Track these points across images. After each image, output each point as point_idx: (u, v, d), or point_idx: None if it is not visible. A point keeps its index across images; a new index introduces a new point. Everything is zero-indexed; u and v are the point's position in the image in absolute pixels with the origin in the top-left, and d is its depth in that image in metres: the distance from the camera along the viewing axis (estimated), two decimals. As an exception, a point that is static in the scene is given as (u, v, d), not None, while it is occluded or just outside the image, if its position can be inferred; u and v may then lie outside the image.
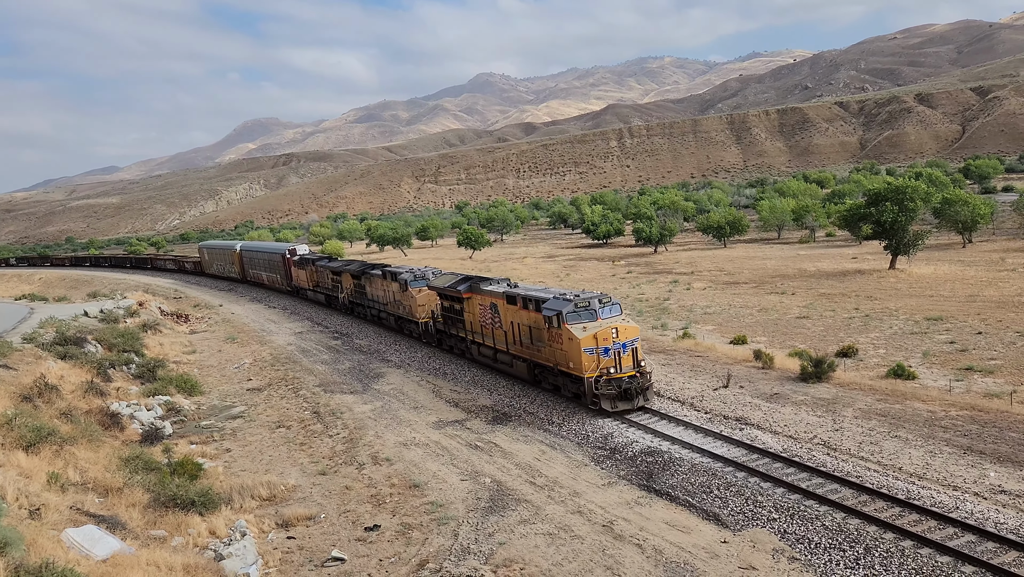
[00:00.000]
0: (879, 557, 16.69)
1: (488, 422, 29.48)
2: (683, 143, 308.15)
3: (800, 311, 44.70)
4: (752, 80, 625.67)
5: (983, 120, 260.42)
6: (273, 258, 75.48)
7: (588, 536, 19.11)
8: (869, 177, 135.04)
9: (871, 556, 16.78)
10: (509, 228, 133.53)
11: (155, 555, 16.10)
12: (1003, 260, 58.23)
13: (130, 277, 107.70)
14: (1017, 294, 44.21)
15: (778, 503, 19.68)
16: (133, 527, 18.30)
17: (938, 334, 36.57)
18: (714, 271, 65.99)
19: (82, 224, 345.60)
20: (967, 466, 21.07)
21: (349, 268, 55.85)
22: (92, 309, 58.63)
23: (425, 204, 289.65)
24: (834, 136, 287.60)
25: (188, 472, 22.76)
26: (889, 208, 56.82)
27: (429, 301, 42.29)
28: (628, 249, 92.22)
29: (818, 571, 16.61)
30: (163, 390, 35.44)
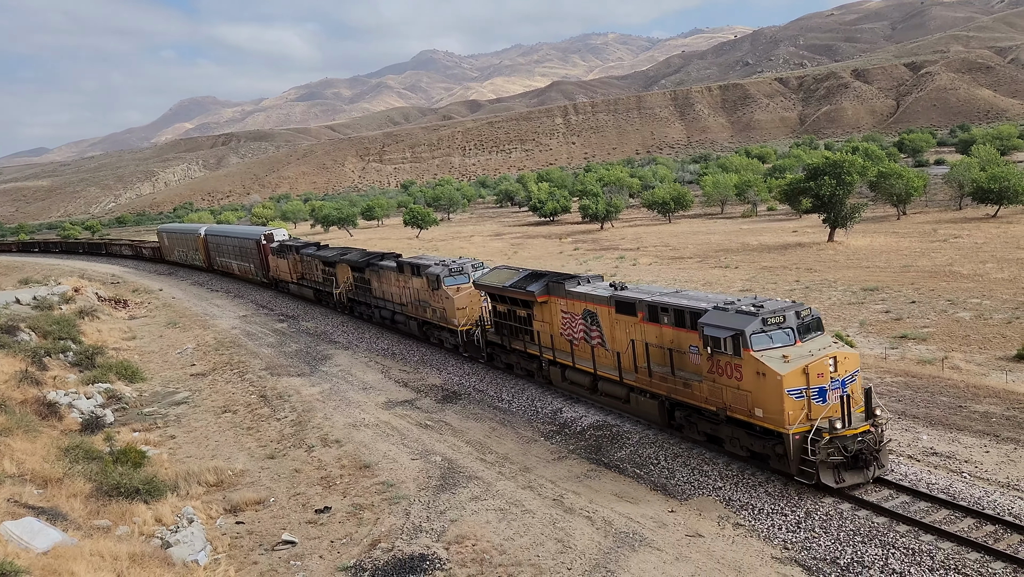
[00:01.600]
0: (819, 520, 17.25)
1: (438, 401, 29.50)
2: (628, 119, 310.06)
3: (743, 284, 45.57)
4: (694, 56, 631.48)
5: (916, 95, 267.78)
6: (245, 244, 64.73)
7: (539, 510, 19.33)
8: (808, 152, 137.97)
9: (811, 519, 17.34)
10: (456, 207, 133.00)
11: (99, 545, 15.77)
12: (935, 231, 60.17)
13: (65, 263, 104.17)
14: (948, 264, 45.77)
15: (722, 472, 20.16)
16: (75, 518, 17.89)
17: (874, 304, 37.69)
18: (659, 246, 66.80)
19: (10, 208, 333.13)
20: (902, 430, 21.85)
21: (347, 258, 45.76)
22: (24, 296, 56.65)
23: (370, 183, 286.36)
24: (775, 111, 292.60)
25: (132, 460, 22.28)
26: (827, 182, 58.11)
27: (472, 303, 33.33)
28: (575, 226, 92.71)
29: (761, 535, 17.11)
30: (103, 378, 34.53)
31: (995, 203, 65.31)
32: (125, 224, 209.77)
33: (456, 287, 33.74)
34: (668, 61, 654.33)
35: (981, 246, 50.84)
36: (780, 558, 16.15)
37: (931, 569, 14.90)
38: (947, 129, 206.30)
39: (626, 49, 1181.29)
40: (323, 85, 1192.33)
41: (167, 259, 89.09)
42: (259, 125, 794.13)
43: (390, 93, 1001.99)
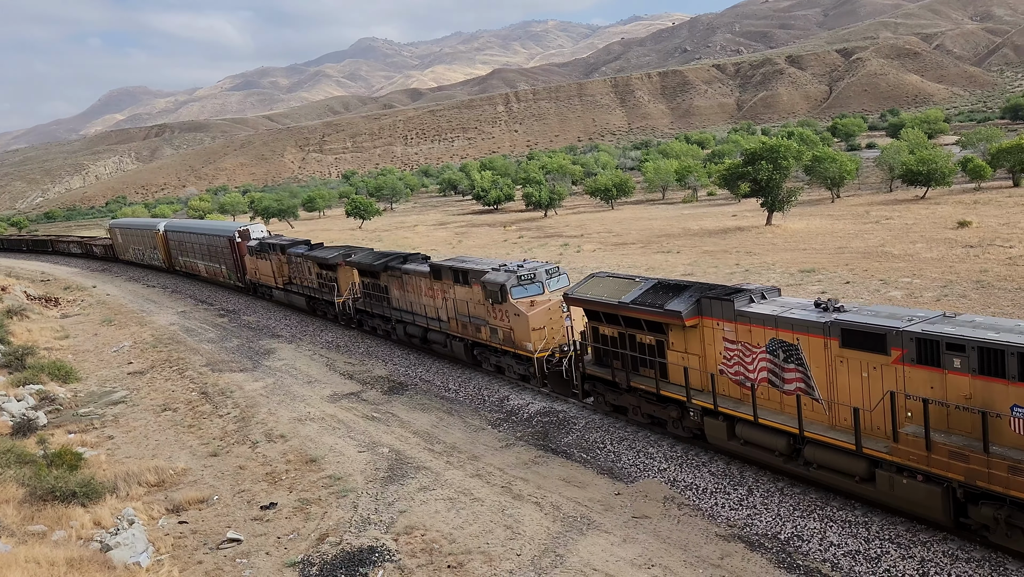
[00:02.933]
0: (760, 497, 17.67)
1: (384, 392, 29.31)
2: (569, 107, 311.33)
3: (685, 268, 46.26)
4: (634, 43, 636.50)
5: (848, 80, 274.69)
6: (216, 242, 56.03)
7: (488, 498, 19.38)
8: (746, 137, 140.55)
9: (753, 496, 17.76)
10: (399, 196, 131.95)
11: (35, 551, 15.29)
12: (868, 213, 61.93)
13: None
14: (880, 245, 47.17)
15: (667, 454, 20.50)
16: (8, 524, 17.29)
17: (811, 285, 38.65)
18: (603, 233, 67.35)
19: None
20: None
21: (355, 260, 37.03)
22: (-51, 296, 54.36)
23: (311, 174, 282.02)
24: (713, 98, 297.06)
25: (67, 463, 21.62)
26: (764, 167, 59.29)
27: (552, 322, 25.48)
28: (519, 214, 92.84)
29: (706, 514, 17.47)
30: (34, 378, 33.38)
31: (923, 185, 67.50)
32: (54, 219, 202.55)
33: (529, 300, 25.61)
34: (608, 48, 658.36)
35: (911, 227, 52.52)
36: (724, 535, 16.51)
37: (867, 540, 15.40)
38: (878, 114, 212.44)
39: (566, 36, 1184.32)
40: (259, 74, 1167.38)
41: (121, 258, 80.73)
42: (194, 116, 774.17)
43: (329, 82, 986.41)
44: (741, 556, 15.63)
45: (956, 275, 36.77)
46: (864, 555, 15.01)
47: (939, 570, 14.17)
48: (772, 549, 15.75)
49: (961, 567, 14.12)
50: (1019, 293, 32.25)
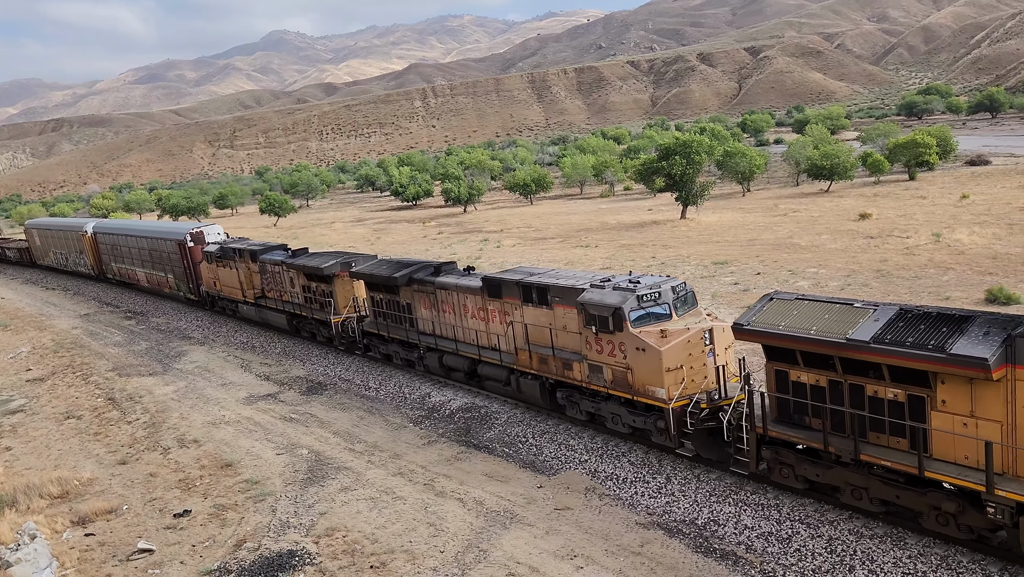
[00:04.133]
0: (678, 484, 18.09)
1: (303, 393, 28.74)
2: (487, 102, 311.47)
3: (603, 262, 46.91)
4: (550, 39, 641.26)
5: (756, 78, 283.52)
6: (160, 247, 47.79)
7: (410, 496, 19.24)
8: (660, 133, 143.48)
9: (671, 484, 18.16)
10: (315, 193, 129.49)
11: (-75, 573, 14.37)
12: (776, 206, 64.10)
13: None
14: (788, 237, 48.89)
15: (588, 445, 20.76)
16: None
17: (724, 276, 39.75)
18: (523, 228, 67.66)
19: None
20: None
21: (363, 270, 29.57)
22: None
23: (222, 170, 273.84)
24: (628, 94, 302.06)
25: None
26: (678, 162, 60.61)
27: (690, 358, 18.60)
28: (438, 210, 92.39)
29: (626, 503, 17.77)
30: (-77, 389, 31.41)
31: (827, 179, 70.26)
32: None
33: (659, 330, 18.69)
34: (525, 44, 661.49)
35: (817, 219, 54.60)
36: (644, 523, 16.83)
37: (778, 521, 15.95)
38: (784, 110, 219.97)
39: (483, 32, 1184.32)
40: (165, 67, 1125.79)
41: (40, 263, 71.50)
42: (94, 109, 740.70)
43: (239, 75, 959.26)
44: (660, 543, 15.96)
45: (858, 265, 38.43)
46: (776, 536, 15.54)
47: (845, 547, 14.79)
48: (690, 534, 16.14)
49: (865, 543, 14.78)
50: (915, 281, 33.96)
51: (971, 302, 29.51)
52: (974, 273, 34.39)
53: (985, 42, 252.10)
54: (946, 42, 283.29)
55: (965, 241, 41.10)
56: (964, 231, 43.48)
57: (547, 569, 15.37)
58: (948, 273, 34.86)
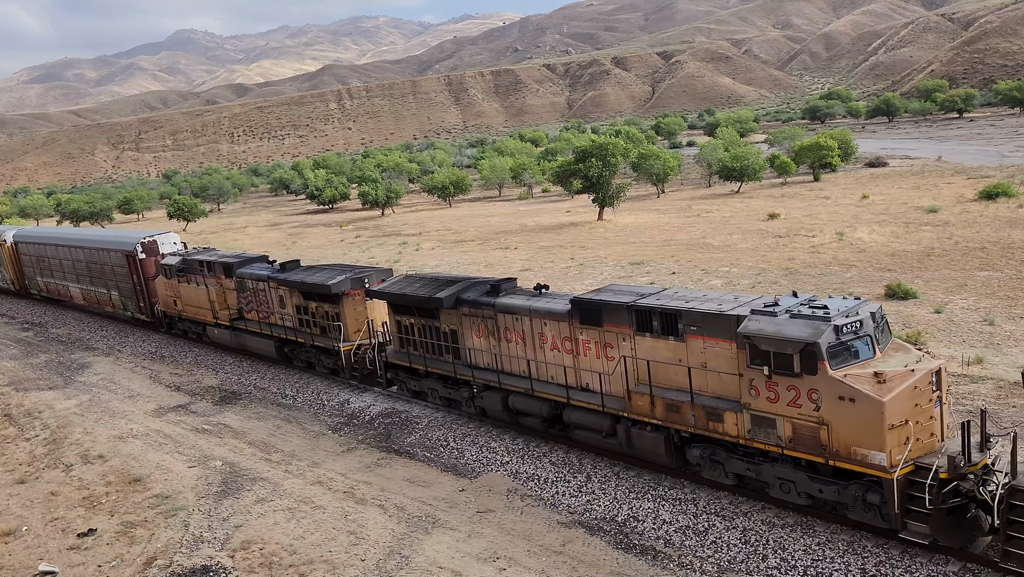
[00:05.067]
0: (598, 483, 18.30)
1: (216, 403, 27.85)
2: (404, 104, 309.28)
3: (523, 264, 47.16)
4: (466, 42, 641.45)
5: (669, 82, 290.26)
6: (101, 258, 40.93)
7: (330, 505, 18.87)
8: (577, 135, 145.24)
9: (592, 482, 18.36)
10: (227, 196, 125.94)
11: None
12: (690, 207, 65.72)
13: None
14: (702, 237, 50.18)
15: (509, 447, 20.79)
16: None
17: (641, 276, 40.51)
18: (442, 230, 67.41)
19: None
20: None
21: (387, 288, 24.35)
22: None
23: (127, 174, 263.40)
24: (545, 96, 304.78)
25: None
26: (594, 164, 61.47)
27: (920, 413, 14.03)
28: (355, 213, 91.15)
29: (548, 503, 17.87)
30: None
31: (738, 180, 72.48)
32: None
33: (872, 373, 14.11)
34: (441, 46, 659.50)
35: (728, 219, 56.24)
36: (565, 522, 16.96)
37: (695, 515, 16.32)
38: (696, 113, 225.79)
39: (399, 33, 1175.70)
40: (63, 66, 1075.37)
41: None
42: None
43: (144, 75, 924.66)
44: (582, 541, 16.11)
45: (768, 263, 39.76)
46: (693, 529, 15.90)
47: (759, 537, 15.24)
48: (610, 532, 16.35)
49: (777, 532, 15.26)
50: (821, 278, 35.34)
51: (872, 297, 30.89)
52: (874, 270, 36.03)
53: (881, 49, 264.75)
54: (846, 49, 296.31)
55: (866, 239, 43.03)
56: (865, 230, 45.51)
57: (470, 572, 15.31)
58: (851, 270, 36.41)
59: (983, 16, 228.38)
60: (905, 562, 13.85)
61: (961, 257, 36.57)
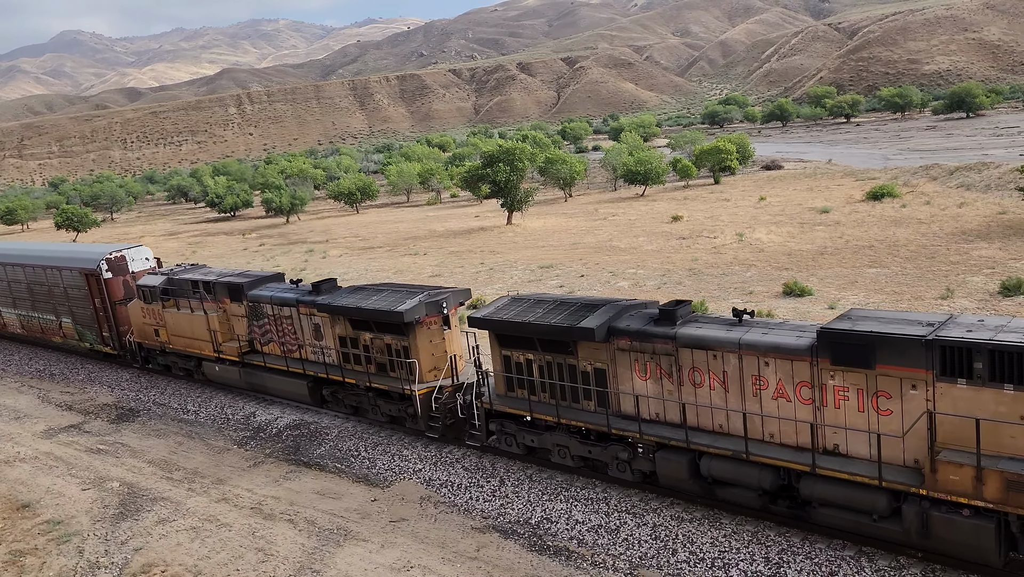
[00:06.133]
0: (511, 486, 18.33)
1: (112, 421, 26.58)
2: (307, 109, 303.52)
3: (433, 270, 46.90)
4: (371, 46, 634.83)
5: (573, 87, 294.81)
6: (51, 279, 34.18)
7: (236, 522, 18.26)
8: (484, 140, 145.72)
9: (505, 486, 18.38)
10: (120, 205, 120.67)
11: None
12: (597, 210, 66.81)
13: None
14: (609, 239, 51.07)
15: (422, 454, 20.60)
16: None
17: (550, 279, 40.89)
18: (349, 237, 66.39)
19: None
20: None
21: (502, 315, 18.73)
22: None
23: (9, 182, 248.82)
24: (451, 101, 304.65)
25: None
26: (502, 168, 61.76)
27: None
28: (259, 221, 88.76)
29: (462, 509, 17.78)
30: None
31: (642, 184, 74.14)
32: None
33: None
34: (344, 50, 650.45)
35: (634, 222, 57.44)
36: (479, 528, 16.91)
37: (607, 514, 16.55)
38: (601, 118, 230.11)
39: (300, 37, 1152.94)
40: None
41: None
42: None
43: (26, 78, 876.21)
44: (496, 545, 16.10)
45: (673, 264, 40.80)
46: (605, 528, 16.12)
47: (668, 532, 15.57)
48: (524, 534, 16.40)
49: (686, 527, 15.63)
50: (723, 277, 36.49)
51: (771, 295, 32.11)
52: (772, 269, 37.46)
53: (774, 57, 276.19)
54: (741, 56, 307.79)
55: (764, 240, 44.71)
56: (763, 230, 47.29)
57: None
58: (751, 269, 37.75)
59: (866, 26, 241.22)
60: (805, 549, 14.40)
61: (852, 255, 38.43)
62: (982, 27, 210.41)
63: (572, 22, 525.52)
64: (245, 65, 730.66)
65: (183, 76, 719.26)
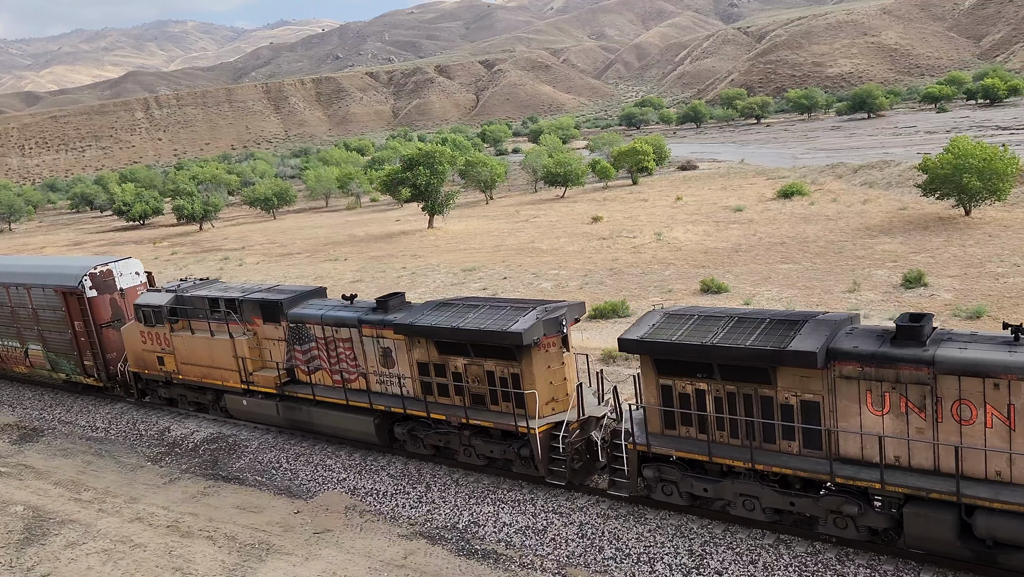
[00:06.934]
0: (438, 492, 18.18)
1: (14, 442, 25.22)
2: (219, 113, 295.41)
3: (354, 275, 46.24)
4: (284, 48, 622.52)
5: (492, 90, 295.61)
6: (17, 298, 28.99)
7: (151, 542, 17.56)
8: (403, 143, 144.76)
9: (431, 492, 18.21)
10: (19, 214, 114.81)
11: None
12: (518, 212, 67.10)
13: None
14: (531, 241, 51.35)
15: (346, 463, 20.24)
16: None
17: (473, 282, 40.83)
18: (267, 244, 64.88)
19: None
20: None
21: (674, 337, 15.19)
22: None
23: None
24: (369, 105, 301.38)
25: None
26: (422, 172, 61.39)
27: None
28: (171, 228, 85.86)
29: (388, 517, 17.54)
30: None
31: (562, 185, 74.85)
32: None
33: None
34: (257, 53, 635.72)
35: (555, 223, 57.93)
36: (406, 535, 16.72)
37: (534, 515, 16.58)
38: (520, 120, 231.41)
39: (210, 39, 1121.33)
40: None
41: None
42: None
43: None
44: (424, 552, 15.94)
45: (594, 265, 41.30)
46: (532, 529, 16.15)
47: (595, 530, 15.70)
48: (452, 539, 16.28)
49: (612, 524, 15.79)
50: (643, 276, 37.14)
51: (689, 293, 32.83)
52: (690, 267, 38.33)
53: (687, 60, 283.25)
54: (655, 59, 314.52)
55: (681, 238, 45.72)
56: (680, 229, 48.37)
57: (309, 598, 14.72)
58: (669, 268, 38.53)
59: (773, 30, 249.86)
60: (727, 539, 14.74)
61: (765, 252, 39.66)
62: (880, 31, 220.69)
63: (489, 25, 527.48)
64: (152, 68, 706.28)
65: (85, 79, 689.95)
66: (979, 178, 40.34)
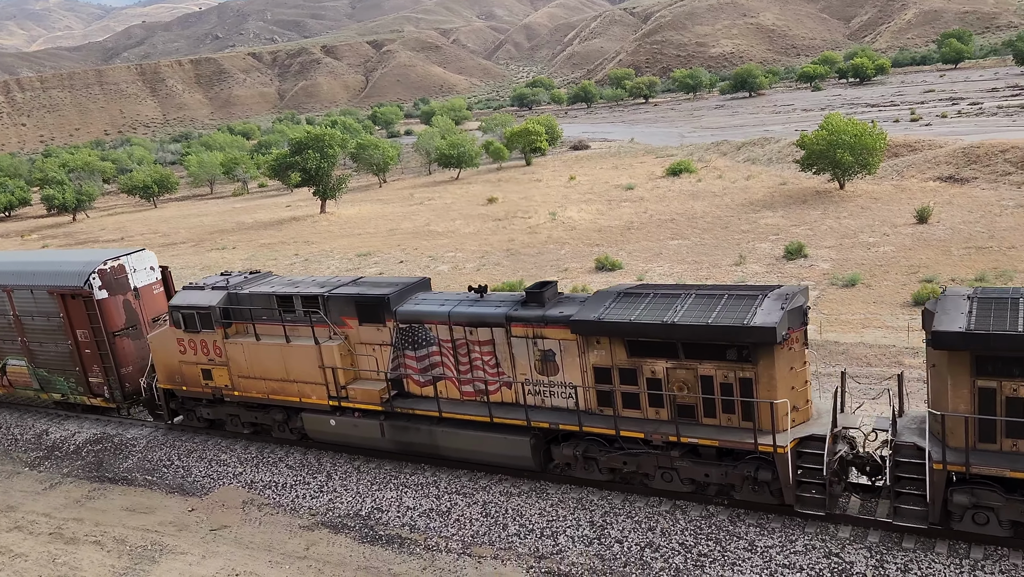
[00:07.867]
0: (339, 480, 17.92)
1: None
2: (89, 96, 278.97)
3: (243, 264, 44.75)
4: (158, 27, 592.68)
5: (382, 71, 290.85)
6: (0, 303, 23.34)
7: (32, 551, 16.61)
8: (291, 127, 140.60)
9: (332, 480, 17.94)
10: None
11: None
12: (412, 195, 66.46)
13: None
14: (426, 224, 50.99)
15: (242, 457, 19.66)
16: None
17: (369, 267, 40.25)
18: (147, 233, 61.93)
19: None
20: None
21: None
22: None
23: None
24: (253, 87, 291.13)
25: None
26: (312, 156, 59.87)
27: None
28: (40, 220, 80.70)
29: (288, 509, 17.18)
30: None
31: (456, 167, 74.55)
32: None
33: None
34: (128, 31, 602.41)
35: (450, 205, 57.69)
36: (308, 525, 16.42)
37: (437, 497, 16.59)
38: (411, 102, 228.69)
39: (75, 17, 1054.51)
40: None
41: None
42: None
43: None
44: (327, 541, 15.71)
45: (491, 246, 41.41)
46: (436, 511, 16.15)
47: (498, 508, 15.85)
48: (355, 527, 16.11)
49: (514, 501, 15.98)
50: (539, 256, 37.52)
51: (584, 271, 33.41)
52: (585, 245, 38.98)
53: (576, 40, 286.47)
54: (545, 40, 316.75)
55: (576, 218, 46.39)
56: (574, 209, 49.05)
57: (207, 597, 14.28)
58: (565, 247, 39.07)
59: (658, 11, 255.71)
60: (626, 509, 15.15)
61: (656, 229, 40.76)
62: (759, 13, 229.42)
63: (376, 4, 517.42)
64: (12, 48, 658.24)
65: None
66: (851, 153, 42.62)
